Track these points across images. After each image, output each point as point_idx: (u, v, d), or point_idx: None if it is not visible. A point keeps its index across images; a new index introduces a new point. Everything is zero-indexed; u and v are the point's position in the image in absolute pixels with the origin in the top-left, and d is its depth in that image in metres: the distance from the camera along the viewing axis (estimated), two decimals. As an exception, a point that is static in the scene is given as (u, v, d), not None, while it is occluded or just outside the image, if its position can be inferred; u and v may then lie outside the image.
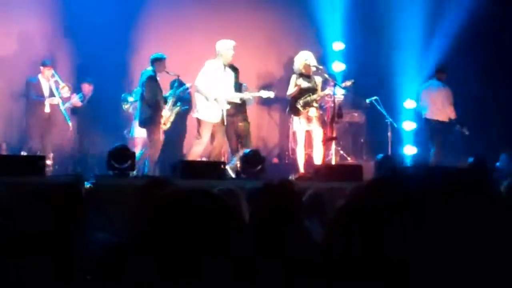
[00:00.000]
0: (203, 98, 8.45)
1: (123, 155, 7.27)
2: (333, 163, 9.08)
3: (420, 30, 11.13)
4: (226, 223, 1.29)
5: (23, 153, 8.92)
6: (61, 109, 9.68)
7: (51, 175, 8.39)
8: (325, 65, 10.09)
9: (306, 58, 8.92)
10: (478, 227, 0.82)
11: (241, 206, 3.59)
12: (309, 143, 9.10)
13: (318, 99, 8.95)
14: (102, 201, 5.54)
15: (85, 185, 6.33)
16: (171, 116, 9.00)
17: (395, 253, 0.81)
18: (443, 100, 9.89)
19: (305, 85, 8.86)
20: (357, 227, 0.87)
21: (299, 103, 8.80)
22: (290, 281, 2.09)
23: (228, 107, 8.65)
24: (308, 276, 1.99)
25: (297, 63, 8.98)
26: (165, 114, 8.85)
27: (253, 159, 7.85)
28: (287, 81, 9.22)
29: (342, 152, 10.05)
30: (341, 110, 9.12)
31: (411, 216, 0.83)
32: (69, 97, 9.76)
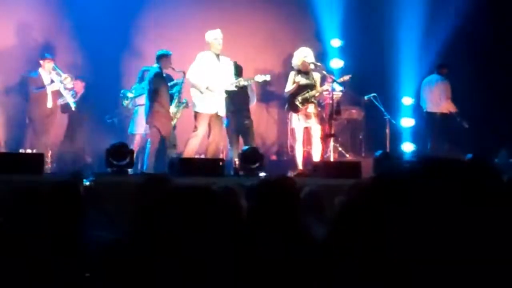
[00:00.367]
0: (196, 90, 8.50)
1: (121, 152, 7.26)
2: (332, 160, 9.07)
3: (418, 27, 11.12)
4: (226, 221, 1.29)
5: (22, 151, 8.84)
6: (63, 95, 9.51)
7: (49, 173, 8.36)
8: (324, 61, 10.07)
9: (305, 55, 8.91)
10: (478, 222, 0.82)
11: (240, 204, 3.58)
12: (308, 140, 9.09)
13: (316, 95, 8.95)
14: (100, 199, 5.53)
15: (84, 182, 6.31)
16: (178, 113, 9.02)
17: (396, 251, 0.81)
18: (442, 93, 9.91)
19: (304, 81, 8.86)
20: (358, 225, 0.86)
21: (297, 100, 8.79)
22: (288, 279, 2.09)
23: (224, 96, 8.63)
24: (308, 274, 1.99)
25: (295, 59, 8.97)
26: (172, 110, 8.87)
27: (251, 156, 7.83)
28: (285, 78, 9.22)
29: (340, 149, 10.05)
30: (339, 107, 9.13)
31: (411, 212, 0.83)
32: (72, 87, 9.64)
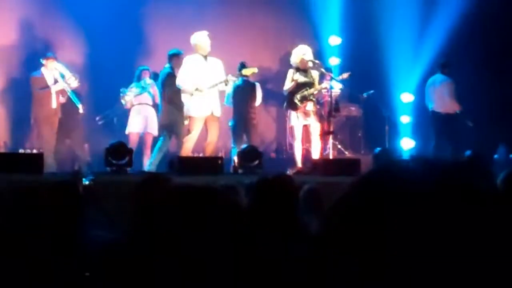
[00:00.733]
0: (187, 95, 8.46)
1: (120, 151, 7.27)
2: (331, 157, 9.07)
3: (416, 23, 11.11)
4: (226, 220, 1.29)
5: (22, 151, 8.82)
6: (68, 94, 9.39)
7: (49, 172, 8.35)
8: (322, 59, 10.06)
9: (303, 52, 8.90)
10: (472, 221, 0.82)
11: (242, 202, 3.59)
12: (307, 138, 9.09)
13: (315, 93, 8.94)
14: (100, 198, 5.54)
15: (83, 182, 6.31)
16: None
17: (393, 248, 0.82)
18: (447, 93, 9.88)
19: (302, 79, 8.86)
20: (353, 221, 0.87)
21: (296, 98, 8.78)
22: (288, 278, 2.09)
23: (217, 96, 8.61)
24: (307, 272, 2.00)
25: (294, 57, 8.97)
26: None
27: (250, 154, 7.84)
28: (283, 76, 9.21)
29: (339, 146, 10.05)
30: (338, 104, 9.12)
31: (406, 210, 0.83)
32: (77, 87, 9.49)
